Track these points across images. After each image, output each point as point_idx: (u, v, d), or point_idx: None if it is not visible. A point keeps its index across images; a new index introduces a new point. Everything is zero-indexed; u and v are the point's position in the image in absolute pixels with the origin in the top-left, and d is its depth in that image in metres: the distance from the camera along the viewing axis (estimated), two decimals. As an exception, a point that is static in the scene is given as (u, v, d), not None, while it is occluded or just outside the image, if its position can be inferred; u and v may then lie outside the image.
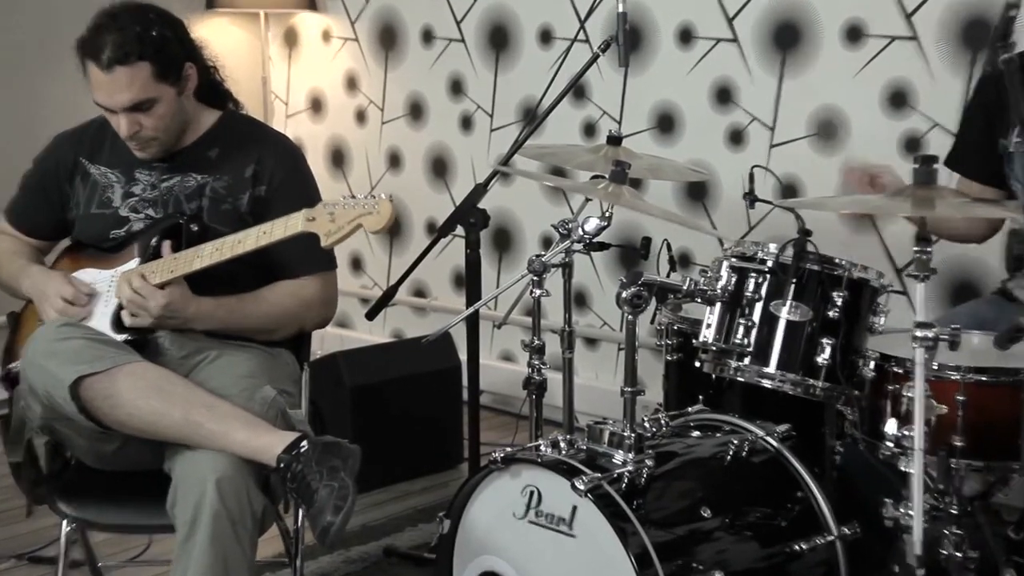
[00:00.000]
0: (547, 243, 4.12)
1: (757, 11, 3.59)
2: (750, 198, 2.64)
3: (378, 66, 4.62)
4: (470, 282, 2.83)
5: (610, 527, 2.08)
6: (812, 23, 3.49)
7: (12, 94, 4.18)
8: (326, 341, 4.46)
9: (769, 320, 2.32)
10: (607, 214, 2.48)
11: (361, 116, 4.72)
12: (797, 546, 2.27)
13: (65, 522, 2.32)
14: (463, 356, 3.09)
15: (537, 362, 2.64)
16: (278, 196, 2.52)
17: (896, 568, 2.15)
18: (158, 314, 2.35)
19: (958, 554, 2.13)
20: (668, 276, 2.68)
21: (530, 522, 2.22)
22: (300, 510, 2.36)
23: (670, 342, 2.67)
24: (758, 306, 2.33)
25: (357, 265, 4.81)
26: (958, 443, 2.18)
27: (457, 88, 4.37)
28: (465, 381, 3.02)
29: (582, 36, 3.91)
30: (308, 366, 2.61)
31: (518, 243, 4.28)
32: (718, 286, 2.34)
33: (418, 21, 4.46)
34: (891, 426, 2.18)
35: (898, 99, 3.35)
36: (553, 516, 2.19)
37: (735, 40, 3.65)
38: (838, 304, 2.30)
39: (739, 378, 2.35)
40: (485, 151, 4.30)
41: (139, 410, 2.21)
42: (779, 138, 3.60)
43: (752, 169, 2.65)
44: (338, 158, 4.83)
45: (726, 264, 2.36)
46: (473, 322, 2.81)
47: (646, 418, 2.37)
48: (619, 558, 2.07)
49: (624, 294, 2.22)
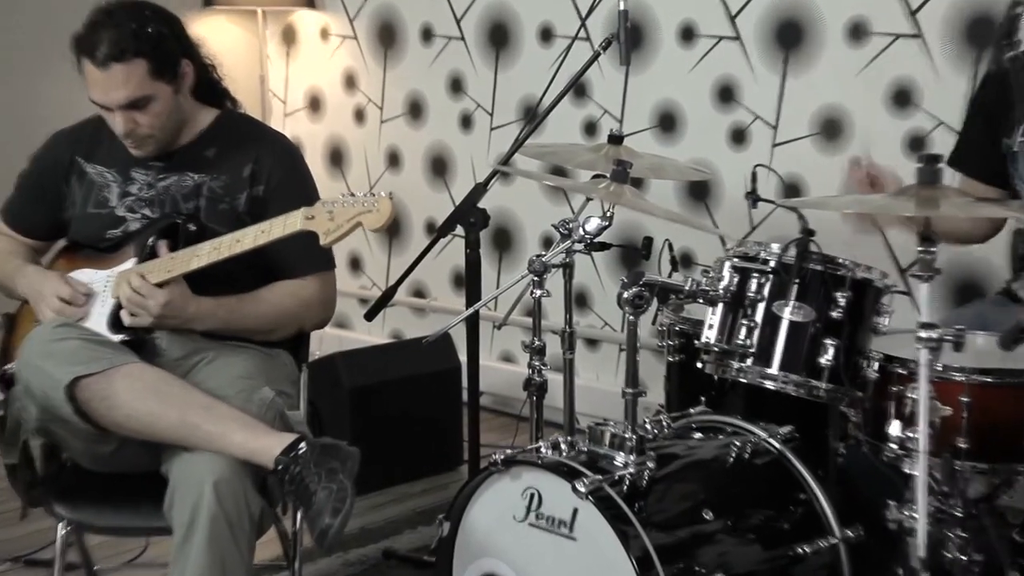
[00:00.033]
0: (548, 243, 4.11)
1: (759, 9, 3.59)
2: (752, 198, 2.64)
3: (377, 64, 4.61)
4: (470, 282, 2.82)
5: (611, 530, 2.07)
6: (815, 21, 3.48)
7: (9, 93, 4.17)
8: (324, 342, 4.45)
9: (772, 321, 2.31)
10: (608, 214, 2.47)
11: (360, 115, 4.71)
12: (800, 549, 2.25)
13: (61, 524, 2.31)
14: (463, 357, 3.09)
15: (538, 363, 2.64)
16: (276, 196, 2.51)
17: (900, 571, 2.13)
18: (158, 313, 2.34)
19: (963, 557, 2.12)
20: (670, 276, 2.69)
21: (530, 525, 2.21)
22: (298, 512, 2.36)
23: (672, 343, 2.67)
24: (761, 307, 2.31)
25: (356, 265, 4.80)
26: (962, 445, 2.17)
27: (457, 86, 4.36)
28: (465, 382, 3.02)
29: (583, 34, 3.90)
30: (306, 367, 2.61)
31: (518, 243, 4.27)
32: (720, 286, 2.33)
33: (417, 19, 4.45)
34: (895, 428, 2.17)
35: (902, 98, 3.35)
36: (554, 519, 2.18)
37: (737, 38, 3.64)
38: (841, 305, 2.29)
39: (741, 379, 2.34)
40: (485, 150, 4.29)
41: (136, 411, 2.21)
42: (782, 137, 3.59)
43: (755, 168, 2.65)
44: (336, 157, 4.82)
45: (728, 264, 2.35)
46: (473, 323, 2.81)
47: (648, 420, 2.36)
48: (620, 561, 2.05)
49: (625, 294, 2.21)
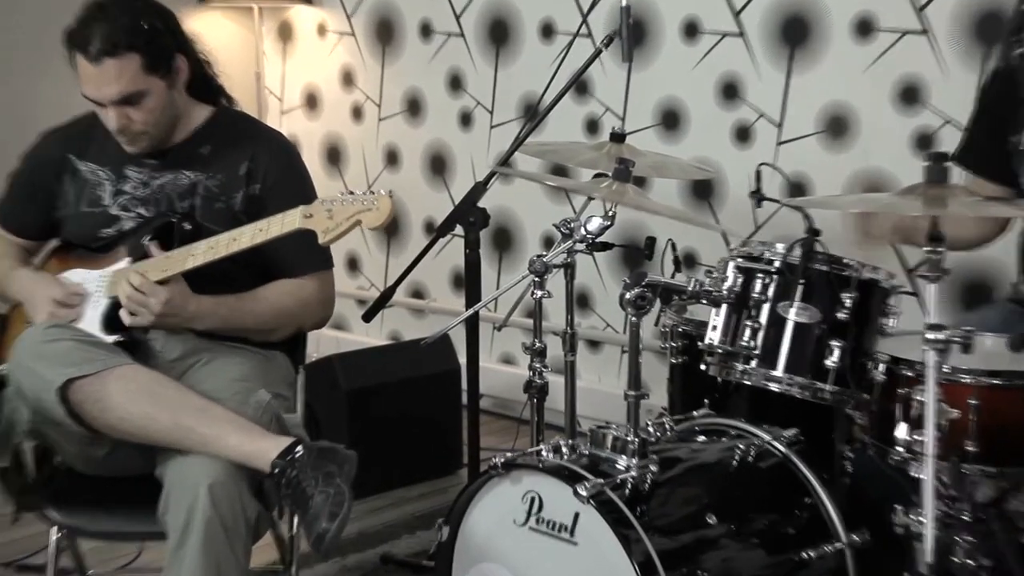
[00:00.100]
0: (548, 243, 4.11)
1: (764, 4, 3.58)
2: (757, 197, 2.63)
3: (375, 61, 4.60)
4: (469, 283, 2.81)
5: (613, 534, 2.06)
6: (821, 17, 3.47)
7: (7, 93, 4.15)
8: (322, 343, 4.45)
9: (776, 322, 2.31)
10: (610, 213, 2.47)
11: (358, 112, 4.70)
12: (805, 554, 2.24)
13: (54, 529, 2.31)
14: (462, 359, 3.09)
15: (538, 365, 2.64)
16: (273, 194, 2.50)
17: (907, 576, 2.13)
18: (159, 312, 2.33)
19: (970, 562, 2.11)
20: (673, 277, 2.67)
21: (531, 529, 2.20)
22: (295, 517, 2.34)
23: (675, 344, 2.66)
24: (765, 307, 2.31)
25: (354, 266, 4.79)
26: (971, 448, 2.16)
27: (456, 84, 4.35)
28: (464, 384, 3.00)
29: (584, 30, 3.90)
30: (303, 369, 2.60)
31: (519, 243, 4.25)
32: (724, 287, 2.33)
33: (416, 15, 4.44)
34: (902, 431, 2.16)
35: (909, 95, 3.33)
36: (555, 523, 2.16)
37: (742, 34, 3.63)
38: (847, 305, 2.28)
39: (746, 381, 2.34)
40: (485, 148, 4.29)
41: (129, 414, 2.19)
42: (787, 135, 3.58)
43: (759, 167, 2.64)
44: (334, 156, 4.81)
45: (732, 264, 2.35)
46: (473, 324, 2.79)
47: (650, 422, 2.35)
48: (622, 566, 2.04)
49: (628, 295, 2.19)
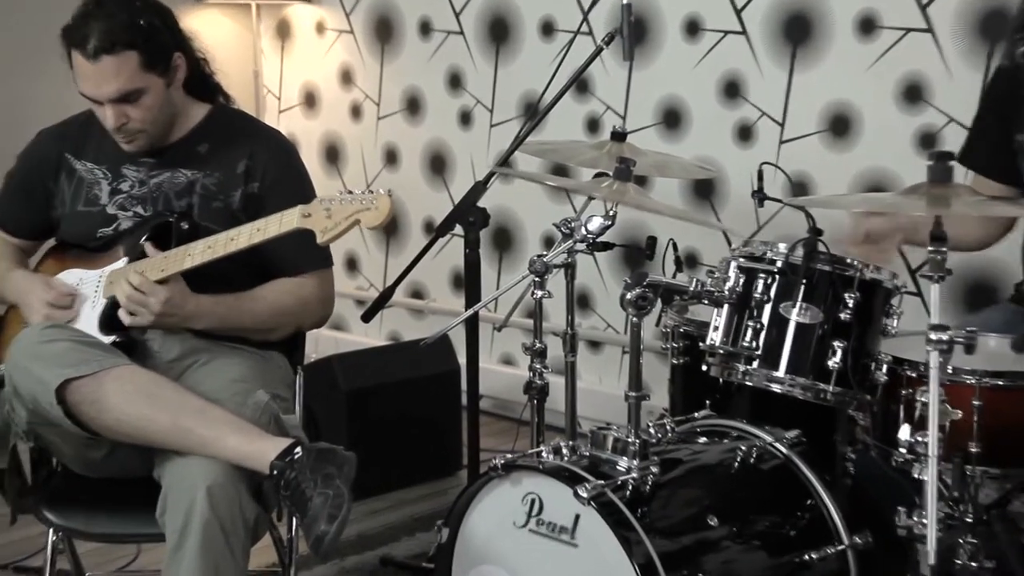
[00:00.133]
0: (549, 243, 4.10)
1: (766, 2, 3.57)
2: (759, 196, 2.62)
3: (374, 59, 4.59)
4: (469, 283, 2.80)
5: (614, 536, 2.05)
6: (824, 15, 3.46)
7: (5, 93, 4.14)
8: (320, 344, 4.44)
9: (778, 322, 2.30)
10: (611, 213, 2.46)
11: (356, 111, 4.69)
12: (807, 556, 2.23)
13: (51, 531, 2.29)
14: (462, 359, 3.07)
15: (538, 366, 2.64)
16: (272, 193, 2.49)
17: (910, 578, 2.13)
18: (159, 311, 2.32)
19: (973, 564, 2.10)
20: (674, 277, 2.67)
21: (531, 531, 2.19)
22: (294, 519, 2.34)
23: (676, 345, 2.65)
24: (767, 308, 2.31)
25: (353, 266, 4.78)
26: (974, 449, 2.16)
27: (456, 82, 4.34)
28: (464, 385, 2.99)
29: (585, 28, 3.90)
30: (302, 369, 2.59)
31: (519, 243, 4.24)
32: (726, 287, 2.33)
33: (415, 13, 4.43)
34: (904, 432, 2.14)
35: (913, 93, 3.32)
36: (555, 525, 2.15)
37: (744, 32, 3.62)
38: (850, 306, 2.28)
39: (747, 382, 2.33)
40: (485, 147, 4.28)
41: (127, 415, 2.18)
42: (789, 134, 3.57)
43: (761, 166, 2.63)
44: (333, 155, 4.80)
45: (734, 264, 2.35)
46: (472, 324, 2.78)
47: (651, 423, 2.34)
48: (623, 568, 2.03)
49: (628, 295, 2.18)
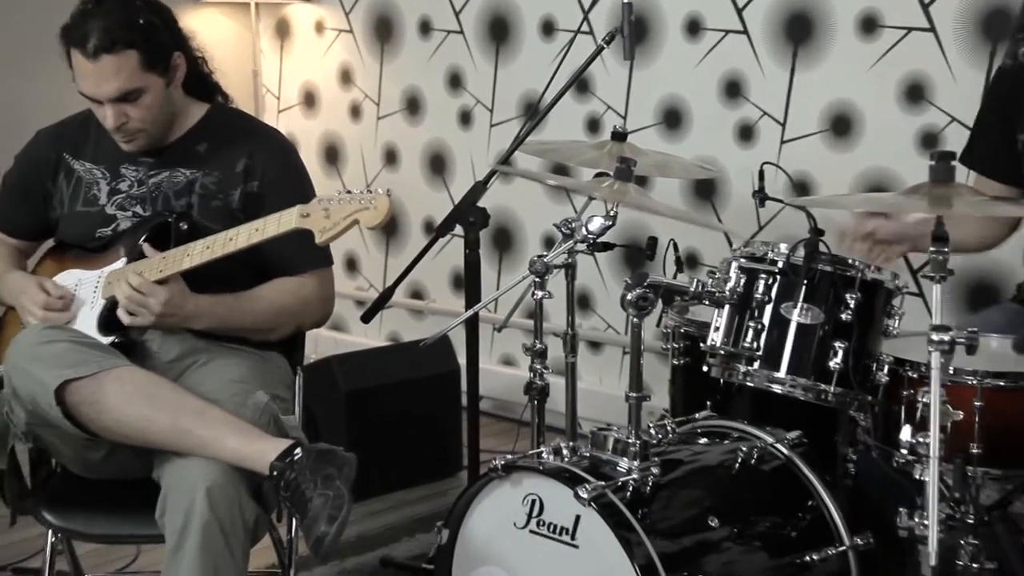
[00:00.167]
0: (549, 243, 4.09)
1: (767, 1, 3.56)
2: (760, 196, 2.61)
3: (373, 59, 4.58)
4: (469, 283, 2.80)
5: (614, 537, 2.05)
6: (825, 14, 3.45)
7: (3, 93, 4.13)
8: (320, 345, 4.44)
9: (779, 323, 2.30)
10: (612, 213, 2.46)
11: (356, 111, 4.68)
12: (808, 557, 2.23)
13: (50, 532, 2.29)
14: (462, 360, 3.07)
15: (539, 366, 2.63)
16: (271, 192, 2.49)
17: (911, 580, 2.13)
18: (159, 311, 2.31)
19: (975, 565, 2.09)
20: (675, 277, 2.66)
21: (531, 532, 2.18)
22: (294, 520, 2.33)
23: (676, 346, 2.65)
24: (768, 308, 2.31)
25: (352, 266, 4.78)
26: (975, 450, 2.16)
27: (456, 82, 4.33)
28: (464, 386, 2.99)
29: (586, 28, 3.90)
30: (301, 370, 2.58)
31: (519, 243, 4.24)
32: (726, 288, 2.32)
33: (415, 12, 4.43)
34: (906, 433, 2.13)
35: (915, 93, 3.31)
36: (555, 526, 2.15)
37: (745, 32, 3.62)
38: (851, 306, 2.28)
39: (748, 383, 2.33)
40: (485, 147, 4.27)
41: (126, 416, 2.17)
42: (790, 134, 3.56)
43: (762, 166, 2.63)
44: (332, 155, 4.79)
45: (735, 265, 2.34)
46: (472, 325, 2.78)
47: (652, 424, 2.34)
48: (623, 569, 2.03)
49: (629, 296, 2.18)
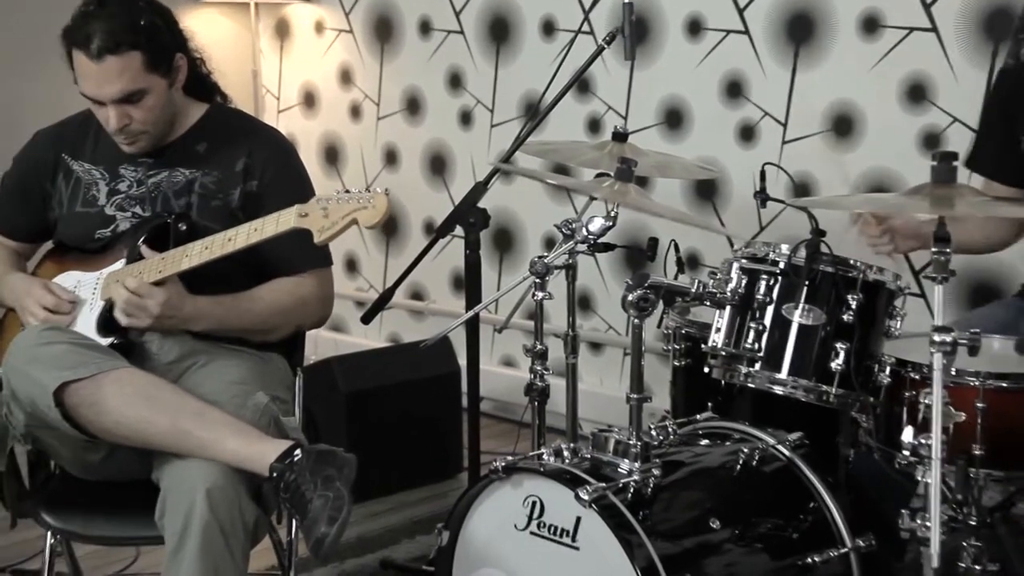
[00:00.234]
0: (550, 244, 4.09)
1: (769, 1, 3.56)
2: (761, 197, 2.62)
3: (373, 59, 4.58)
4: (470, 284, 2.79)
5: (615, 539, 2.05)
6: (827, 14, 3.45)
7: (3, 93, 4.13)
8: (320, 346, 4.43)
9: (781, 324, 2.30)
10: (612, 213, 2.46)
11: (356, 111, 4.68)
12: (810, 559, 2.22)
13: (49, 534, 2.28)
14: (462, 361, 3.07)
15: (539, 367, 2.63)
16: (271, 192, 2.48)
17: (913, 581, 2.13)
18: (157, 313, 2.30)
19: (977, 567, 2.10)
20: (676, 278, 2.69)
21: (532, 533, 2.18)
22: (294, 521, 2.33)
23: (678, 347, 2.65)
24: (769, 309, 2.31)
25: (352, 267, 4.77)
26: (977, 452, 2.16)
27: (456, 82, 4.33)
28: (465, 387, 2.98)
29: (586, 28, 3.89)
30: (301, 371, 2.58)
31: (520, 244, 4.23)
32: (728, 288, 2.33)
33: (415, 12, 4.42)
34: (907, 434, 2.13)
35: (916, 93, 3.31)
36: (556, 527, 2.15)
37: (746, 32, 3.61)
38: (853, 307, 2.28)
39: (749, 384, 2.33)
40: (485, 148, 4.27)
41: (125, 418, 2.17)
42: (792, 134, 3.56)
43: (764, 167, 2.63)
44: (332, 155, 4.79)
45: (736, 266, 2.35)
46: (473, 326, 2.77)
47: (653, 426, 2.33)
48: (624, 571, 2.03)
49: (630, 297, 2.18)
